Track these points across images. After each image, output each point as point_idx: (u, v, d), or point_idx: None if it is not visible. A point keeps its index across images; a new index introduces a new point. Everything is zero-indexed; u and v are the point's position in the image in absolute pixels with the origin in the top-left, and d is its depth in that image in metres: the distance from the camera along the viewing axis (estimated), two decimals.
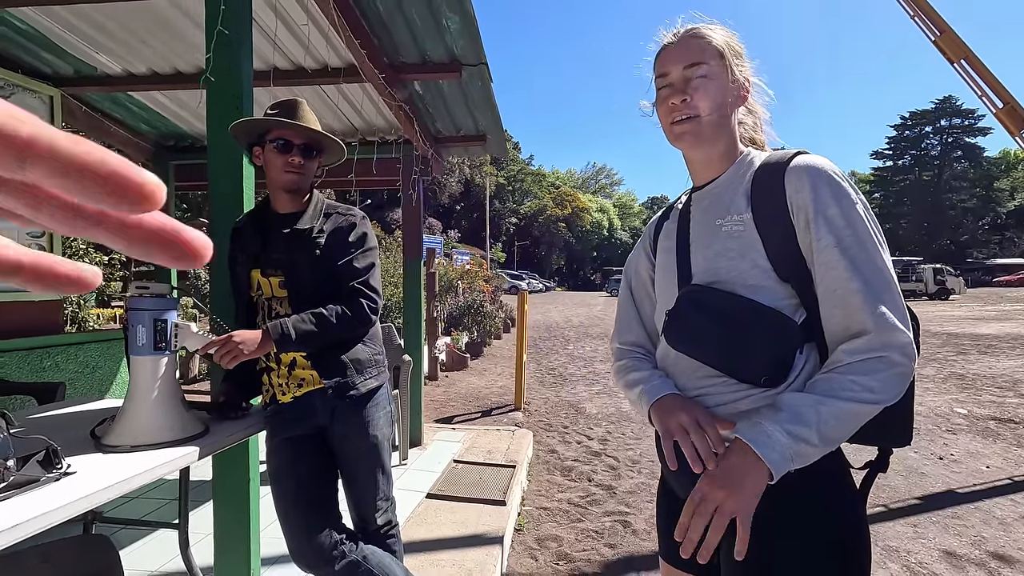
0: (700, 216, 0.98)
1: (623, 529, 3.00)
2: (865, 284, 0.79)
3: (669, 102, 0.94)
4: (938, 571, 2.56)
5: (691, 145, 0.95)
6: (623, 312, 1.18)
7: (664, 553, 1.10)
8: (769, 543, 0.84)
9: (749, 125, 1.02)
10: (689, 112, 0.92)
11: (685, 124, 0.93)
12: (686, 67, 0.92)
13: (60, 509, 0.96)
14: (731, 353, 0.90)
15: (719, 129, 0.93)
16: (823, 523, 0.85)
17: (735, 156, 0.97)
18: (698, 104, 0.91)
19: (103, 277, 5.97)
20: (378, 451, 1.63)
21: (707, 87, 0.91)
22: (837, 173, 0.85)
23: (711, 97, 0.91)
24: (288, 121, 1.51)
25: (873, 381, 0.77)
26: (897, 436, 0.88)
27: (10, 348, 2.96)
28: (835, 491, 0.87)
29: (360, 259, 1.57)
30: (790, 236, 0.86)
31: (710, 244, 0.94)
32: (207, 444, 1.34)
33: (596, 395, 6.50)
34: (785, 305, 0.86)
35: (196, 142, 4.28)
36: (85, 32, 2.82)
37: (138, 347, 1.32)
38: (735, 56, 0.94)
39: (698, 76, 0.91)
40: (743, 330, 0.88)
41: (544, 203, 55.35)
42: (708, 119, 0.92)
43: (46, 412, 1.74)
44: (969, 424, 5.07)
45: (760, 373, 0.86)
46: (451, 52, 2.89)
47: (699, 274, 0.95)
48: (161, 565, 2.27)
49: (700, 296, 0.94)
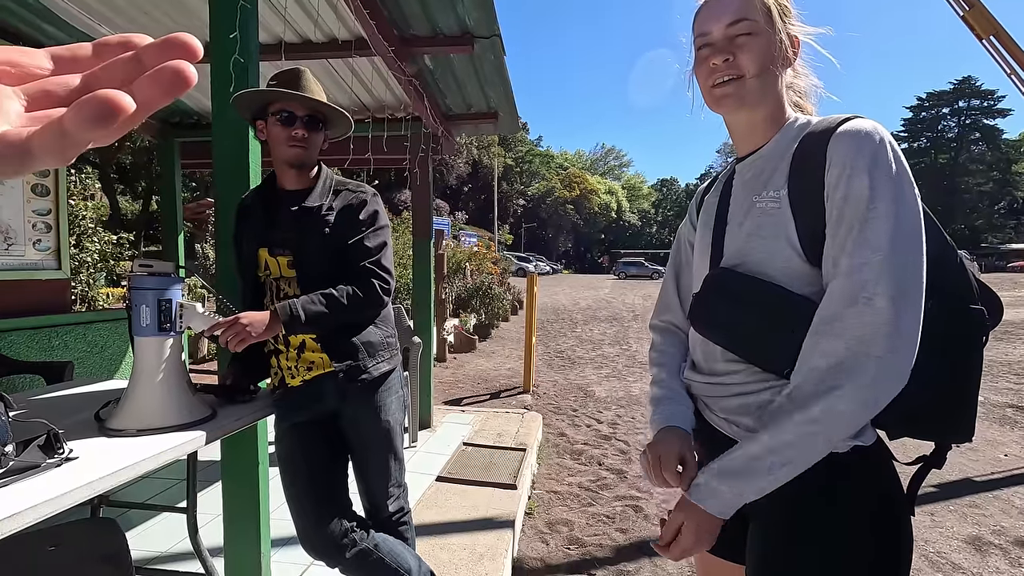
0: (740, 190, 0.91)
1: (635, 514, 2.98)
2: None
3: (710, 63, 0.85)
4: (957, 560, 2.51)
5: (733, 108, 0.86)
6: (664, 288, 1.15)
7: None
8: (790, 548, 0.81)
9: (799, 89, 0.92)
10: (732, 72, 0.83)
11: (727, 86, 0.84)
12: (729, 24, 0.83)
13: (61, 497, 0.92)
14: (754, 342, 0.84)
15: (765, 91, 0.84)
16: (850, 527, 0.78)
17: (782, 122, 0.87)
18: (742, 63, 0.82)
19: (111, 257, 5.93)
20: (390, 437, 1.58)
21: (752, 45, 0.82)
22: (886, 141, 0.75)
23: (757, 56, 0.82)
24: (291, 92, 1.44)
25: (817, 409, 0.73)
26: (959, 430, 0.80)
27: (19, 327, 2.94)
28: (866, 489, 0.80)
29: (371, 238, 1.50)
30: (821, 215, 0.77)
31: (743, 223, 0.87)
32: (214, 428, 1.30)
33: (605, 378, 6.46)
34: (815, 292, 0.79)
35: (202, 119, 4.20)
36: (87, 3, 2.74)
37: (142, 328, 1.27)
38: (783, 11, 0.84)
39: (742, 34, 0.82)
40: (766, 318, 0.82)
41: (552, 185, 54.95)
42: (753, 80, 0.83)
43: (50, 393, 1.70)
44: (986, 412, 4.99)
45: (783, 364, 0.80)
46: (463, 24, 2.78)
47: (729, 255, 0.89)
48: (169, 547, 2.26)
49: (725, 280, 0.88)
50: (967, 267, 0.80)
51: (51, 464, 1.00)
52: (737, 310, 0.86)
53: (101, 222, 7.96)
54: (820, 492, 0.79)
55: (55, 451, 1.03)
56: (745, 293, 0.85)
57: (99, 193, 14.21)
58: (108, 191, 14.36)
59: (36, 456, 0.99)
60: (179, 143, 4.31)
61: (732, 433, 0.89)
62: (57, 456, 1.02)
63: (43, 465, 0.99)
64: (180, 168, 4.40)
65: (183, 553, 2.19)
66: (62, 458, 1.03)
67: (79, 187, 8.02)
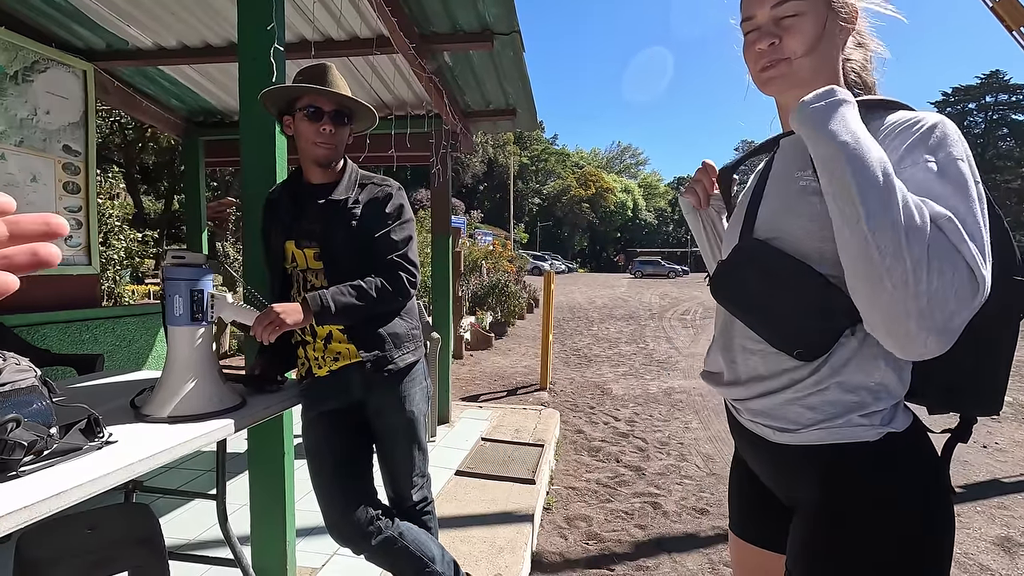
0: (781, 165, 0.90)
1: (653, 511, 2.97)
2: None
3: (756, 47, 0.84)
4: (984, 562, 2.47)
5: (782, 89, 0.86)
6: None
7: (734, 526, 1.06)
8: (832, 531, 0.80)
9: (858, 61, 0.89)
10: (779, 55, 0.82)
11: (775, 68, 0.83)
12: (774, 6, 0.82)
13: (103, 478, 0.95)
14: (766, 314, 0.83)
15: (816, 70, 0.82)
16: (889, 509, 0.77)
17: None
18: (790, 46, 0.81)
19: (137, 255, 6.08)
20: (414, 427, 1.60)
21: (800, 26, 0.80)
22: (951, 130, 0.72)
23: (805, 37, 0.80)
24: (319, 88, 1.46)
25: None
26: (986, 402, 0.79)
27: (51, 320, 3.02)
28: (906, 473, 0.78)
29: (397, 231, 1.52)
30: None
31: (780, 196, 0.86)
32: (244, 416, 1.33)
33: (622, 376, 6.44)
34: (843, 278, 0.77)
35: (226, 117, 4.28)
36: (115, 3, 2.80)
37: (175, 317, 1.31)
38: None
39: (788, 15, 0.81)
40: (783, 292, 0.80)
41: (568, 183, 54.76)
42: (801, 61, 0.82)
43: (85, 382, 1.75)
44: (1015, 412, 4.88)
45: (793, 343, 0.79)
46: (483, 20, 2.79)
47: (761, 227, 0.87)
48: (199, 534, 2.31)
49: (752, 250, 0.86)
50: (1011, 238, 0.77)
51: (92, 447, 1.03)
52: (755, 279, 0.84)
53: (126, 221, 8.15)
54: (858, 479, 0.78)
55: (96, 435, 1.06)
56: (767, 264, 0.83)
57: (123, 193, 14.54)
58: (132, 191, 14.67)
59: (78, 439, 1.03)
60: (203, 141, 4.39)
61: (763, 434, 0.88)
62: (98, 439, 1.05)
63: (85, 448, 1.02)
64: (204, 166, 4.49)
65: (212, 541, 2.24)
66: (102, 441, 1.06)
67: (105, 187, 8.22)
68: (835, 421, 0.78)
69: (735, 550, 1.05)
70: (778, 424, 0.84)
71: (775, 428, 0.85)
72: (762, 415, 0.87)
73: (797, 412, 0.81)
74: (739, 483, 1.04)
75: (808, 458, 0.82)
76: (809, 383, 0.80)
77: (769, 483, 0.94)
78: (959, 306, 0.63)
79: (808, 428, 0.80)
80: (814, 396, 0.80)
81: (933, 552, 0.77)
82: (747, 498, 1.02)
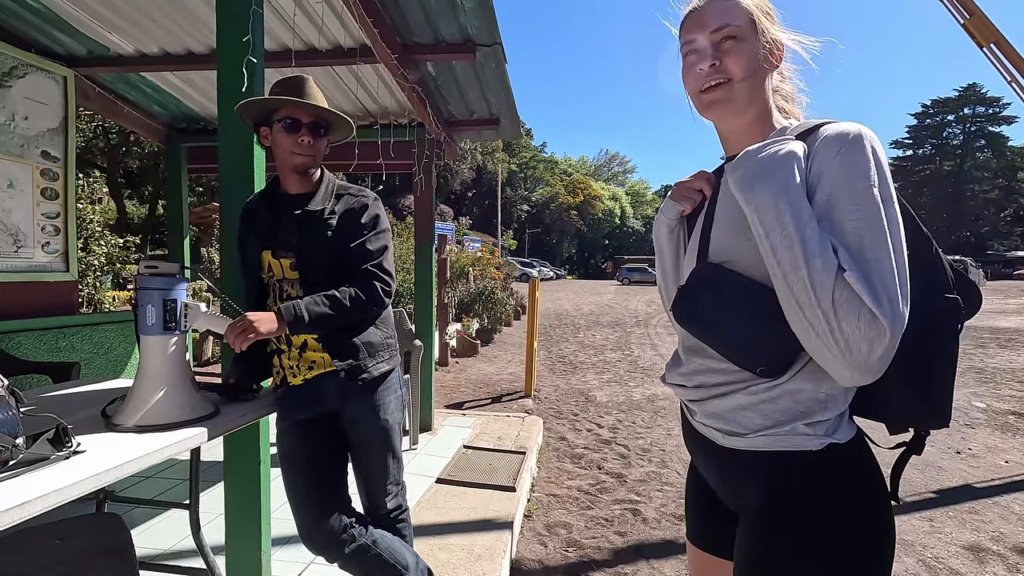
0: (727, 190, 0.93)
1: (633, 517, 2.99)
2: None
3: (696, 68, 0.87)
4: (955, 566, 2.52)
5: (722, 115, 0.89)
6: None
7: (690, 534, 1.08)
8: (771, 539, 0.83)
9: (784, 93, 0.95)
10: (720, 77, 0.86)
11: (716, 91, 0.87)
12: (713, 31, 0.86)
13: (69, 487, 0.95)
14: (727, 338, 0.86)
15: (752, 96, 0.87)
16: (825, 516, 0.80)
17: (770, 125, 0.89)
18: (729, 68, 0.85)
19: (118, 260, 6.05)
20: (388, 436, 1.61)
21: (738, 50, 0.84)
22: (867, 140, 0.75)
23: (743, 60, 0.84)
24: (297, 100, 1.48)
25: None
26: (937, 416, 0.82)
27: (27, 328, 2.98)
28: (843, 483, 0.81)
29: (373, 241, 1.54)
30: None
31: (728, 220, 0.89)
32: (217, 425, 1.33)
33: (606, 383, 6.47)
34: None
35: (209, 124, 4.27)
36: (96, 10, 2.80)
37: (148, 327, 1.31)
38: (766, 15, 0.87)
39: (728, 38, 0.85)
40: (743, 313, 0.83)
41: (556, 190, 54.97)
42: (740, 84, 0.85)
43: (58, 391, 1.74)
44: (988, 419, 4.98)
45: (756, 361, 0.82)
46: (465, 32, 2.83)
47: (714, 251, 0.90)
48: (172, 544, 2.29)
49: (707, 274, 0.89)
50: (942, 257, 0.81)
51: (59, 457, 1.03)
52: (714, 303, 0.86)
53: (108, 226, 8.06)
54: (800, 487, 0.81)
55: (63, 444, 1.06)
56: (724, 287, 0.85)
57: (106, 197, 14.36)
58: (115, 195, 14.51)
59: (45, 449, 1.02)
60: (186, 148, 4.38)
61: (713, 437, 0.91)
62: (65, 449, 1.05)
63: (52, 457, 1.02)
64: (187, 172, 4.46)
65: (186, 551, 2.22)
66: (70, 451, 1.06)
67: (87, 191, 8.12)
68: (781, 428, 0.81)
69: (692, 558, 1.08)
70: (728, 427, 0.87)
71: (724, 432, 0.87)
72: (714, 418, 0.89)
73: (747, 417, 0.84)
74: (694, 490, 1.06)
75: (753, 464, 0.85)
76: (763, 385, 0.83)
77: (717, 488, 0.97)
78: (872, 346, 0.70)
79: (755, 433, 0.83)
80: (766, 403, 0.83)
81: (871, 564, 0.79)
82: (700, 505, 1.04)
